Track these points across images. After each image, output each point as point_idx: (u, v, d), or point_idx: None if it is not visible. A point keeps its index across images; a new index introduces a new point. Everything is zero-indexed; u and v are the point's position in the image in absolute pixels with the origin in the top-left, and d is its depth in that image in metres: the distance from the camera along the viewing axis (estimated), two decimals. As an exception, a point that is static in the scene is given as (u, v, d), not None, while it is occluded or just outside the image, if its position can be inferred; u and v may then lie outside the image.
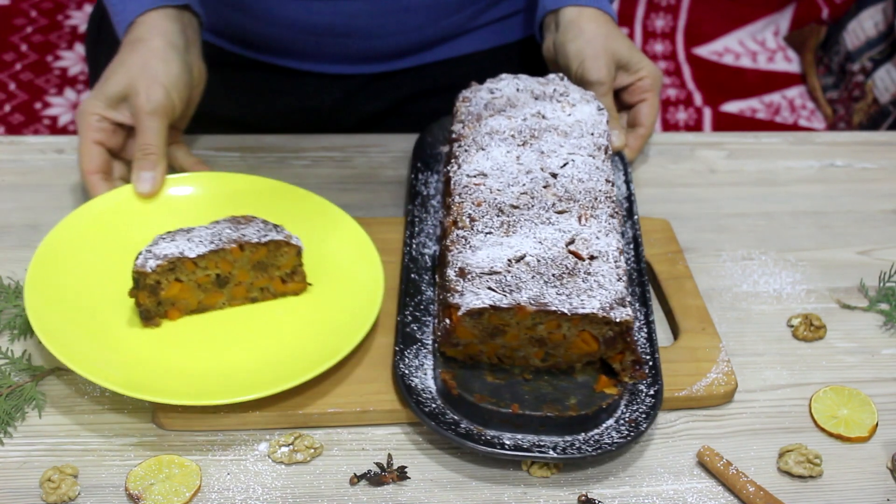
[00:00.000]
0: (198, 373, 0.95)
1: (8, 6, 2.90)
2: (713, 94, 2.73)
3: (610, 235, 0.98)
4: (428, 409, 0.93)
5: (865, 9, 2.63)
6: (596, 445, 0.92)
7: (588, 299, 0.92)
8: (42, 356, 1.00)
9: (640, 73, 1.24)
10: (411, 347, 0.98)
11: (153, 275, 0.96)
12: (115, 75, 1.10)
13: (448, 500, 0.91)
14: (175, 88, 1.10)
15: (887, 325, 1.11)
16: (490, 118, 1.10)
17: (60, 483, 0.88)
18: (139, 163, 1.08)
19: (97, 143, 1.09)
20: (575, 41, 1.22)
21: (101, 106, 1.09)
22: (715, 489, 0.93)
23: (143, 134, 1.08)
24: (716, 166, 1.31)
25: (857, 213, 1.26)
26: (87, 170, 1.09)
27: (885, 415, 1.01)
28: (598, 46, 1.21)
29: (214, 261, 0.98)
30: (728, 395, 1.00)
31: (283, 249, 1.00)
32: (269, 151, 1.26)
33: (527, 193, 1.01)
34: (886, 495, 0.94)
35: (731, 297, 1.12)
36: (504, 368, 0.97)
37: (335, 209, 1.09)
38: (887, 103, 2.44)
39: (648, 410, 0.94)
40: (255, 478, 0.91)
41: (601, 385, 0.95)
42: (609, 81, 1.21)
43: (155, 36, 1.11)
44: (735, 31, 2.89)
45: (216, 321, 1.01)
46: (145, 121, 1.08)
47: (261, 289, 1.02)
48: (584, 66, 1.21)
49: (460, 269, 0.95)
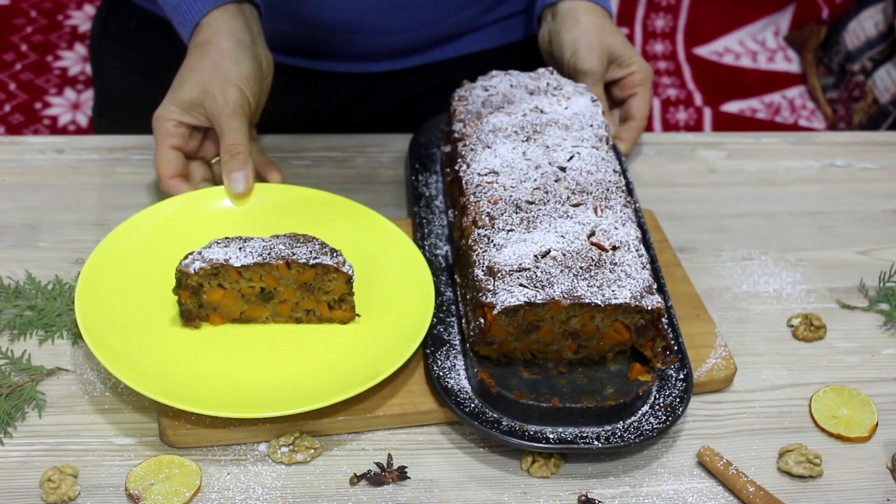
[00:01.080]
0: (228, 382, 0.94)
1: (8, 6, 2.90)
2: (713, 94, 2.73)
3: (627, 225, 0.99)
4: (468, 409, 0.93)
5: (865, 9, 2.63)
6: (637, 432, 0.93)
7: (618, 289, 0.93)
8: (42, 356, 1.00)
9: (632, 67, 1.25)
10: (441, 349, 0.98)
11: (195, 277, 0.96)
12: (188, 81, 1.10)
13: (448, 500, 0.91)
14: (248, 86, 1.10)
15: (887, 325, 1.11)
16: (490, 116, 1.11)
17: (60, 483, 0.88)
18: (229, 164, 1.08)
19: (174, 148, 1.10)
20: (570, 31, 1.24)
21: (177, 111, 1.09)
22: (715, 489, 0.93)
23: (227, 135, 1.08)
24: (716, 166, 1.31)
25: (857, 213, 1.26)
26: (165, 174, 1.09)
27: (885, 415, 1.01)
28: (592, 37, 1.23)
29: (259, 274, 0.97)
30: (728, 379, 1.01)
31: (332, 275, 0.97)
32: (270, 152, 1.26)
33: (540, 188, 1.02)
34: (886, 495, 0.94)
35: (731, 297, 1.12)
36: (538, 363, 0.97)
37: (396, 230, 1.08)
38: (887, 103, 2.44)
39: (682, 394, 0.96)
40: (255, 478, 0.91)
41: (635, 373, 0.96)
42: (601, 72, 1.23)
43: (222, 36, 1.11)
44: (735, 31, 2.89)
45: (257, 333, 1.00)
46: (227, 122, 1.08)
47: (306, 311, 1.00)
48: (578, 55, 1.22)
49: (489, 268, 0.95)
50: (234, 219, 1.09)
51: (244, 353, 0.98)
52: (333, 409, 0.94)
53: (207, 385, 0.94)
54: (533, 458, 0.93)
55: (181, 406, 0.89)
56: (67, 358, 1.00)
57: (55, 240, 1.13)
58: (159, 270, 1.02)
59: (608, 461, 0.95)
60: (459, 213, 1.04)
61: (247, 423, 0.93)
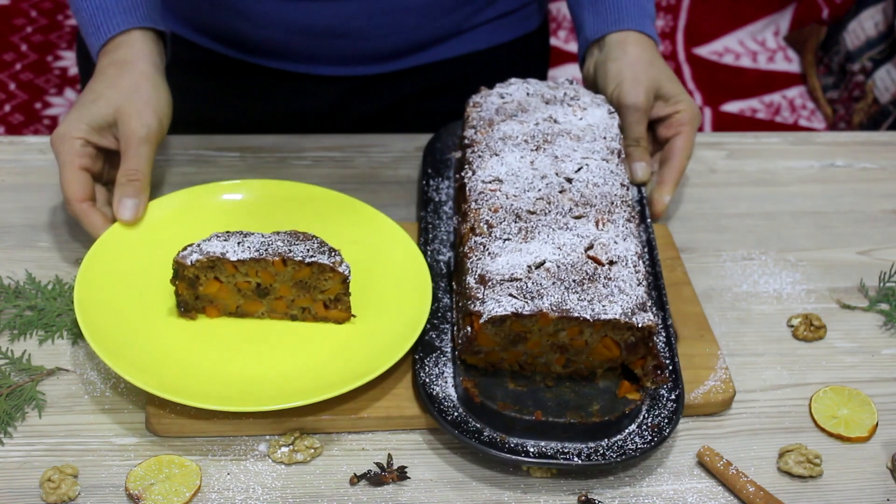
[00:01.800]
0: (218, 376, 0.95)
1: (8, 6, 2.90)
2: (713, 94, 2.73)
3: (628, 240, 0.98)
4: (450, 417, 0.93)
5: (865, 9, 2.63)
6: (620, 451, 0.91)
7: (610, 305, 0.91)
8: (42, 356, 1.00)
9: (679, 105, 1.18)
10: (431, 356, 0.98)
11: (192, 268, 0.96)
12: (103, 99, 1.06)
13: (448, 500, 0.91)
14: (164, 115, 1.08)
15: (887, 325, 1.11)
16: (502, 123, 1.10)
17: (60, 483, 0.88)
18: (123, 189, 1.04)
19: (83, 169, 1.04)
20: (616, 61, 1.18)
21: (86, 130, 1.04)
22: (715, 489, 0.93)
23: (130, 159, 1.05)
24: (716, 166, 1.31)
25: (857, 213, 1.26)
26: (76, 198, 1.03)
27: (885, 415, 1.01)
28: (639, 70, 1.17)
29: (255, 269, 0.97)
30: (726, 403, 0.99)
31: (328, 275, 0.97)
32: (270, 152, 1.26)
33: (543, 199, 1.01)
34: (886, 495, 0.94)
35: (731, 298, 1.12)
36: (525, 375, 0.96)
37: (401, 233, 1.08)
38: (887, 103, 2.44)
39: (671, 415, 0.94)
40: (255, 478, 0.91)
41: (623, 390, 0.95)
42: (645, 108, 1.17)
43: (142, 59, 1.09)
44: (735, 31, 2.89)
45: (252, 328, 1.01)
46: (137, 146, 1.04)
47: (302, 308, 1.01)
48: (622, 88, 1.17)
49: (480, 277, 0.94)
50: (237, 214, 1.09)
51: (238, 346, 0.99)
52: (318, 407, 0.94)
53: (197, 377, 0.94)
54: (533, 459, 0.93)
55: (167, 396, 0.90)
56: (67, 358, 1.00)
57: (55, 240, 1.13)
58: (160, 262, 1.02)
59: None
60: (460, 220, 1.04)
61: (230, 416, 0.93)
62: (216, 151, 1.26)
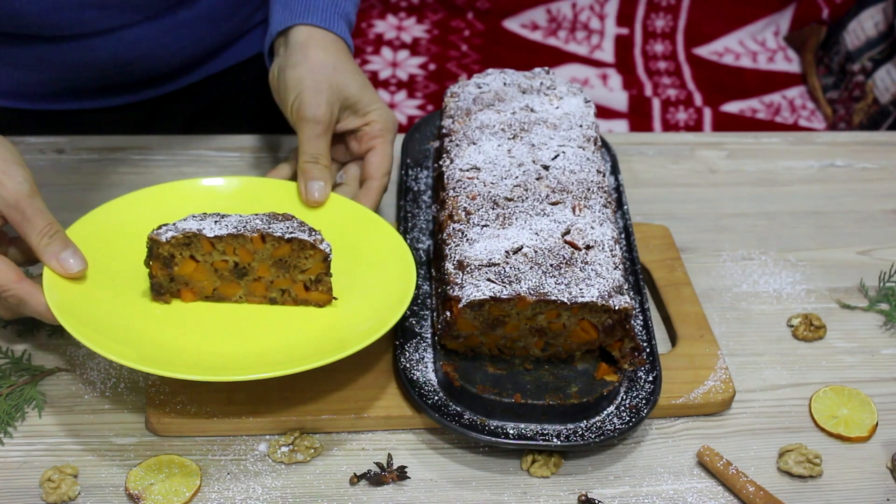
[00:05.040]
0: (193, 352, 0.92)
1: (8, 6, 2.90)
2: (713, 95, 2.73)
3: (604, 225, 0.99)
4: (430, 401, 0.94)
5: (865, 9, 2.63)
6: (598, 432, 0.93)
7: (587, 288, 0.92)
8: (42, 356, 1.00)
9: (369, 116, 1.09)
10: (411, 341, 0.99)
11: (167, 246, 0.93)
12: None
13: (448, 500, 0.91)
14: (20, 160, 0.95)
15: (887, 325, 1.11)
16: (479, 112, 1.11)
17: (60, 483, 0.88)
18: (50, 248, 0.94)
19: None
20: (296, 68, 1.07)
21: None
22: (715, 489, 0.93)
23: (35, 217, 0.93)
24: (716, 166, 1.31)
25: (857, 213, 1.26)
26: (12, 280, 0.92)
27: (885, 415, 1.01)
28: (320, 78, 1.06)
29: (233, 246, 0.94)
30: (726, 403, 0.99)
31: (308, 252, 0.94)
32: (270, 152, 1.26)
33: (520, 186, 1.02)
34: (886, 495, 0.94)
35: (731, 297, 1.12)
36: (504, 359, 0.97)
37: (380, 220, 1.04)
38: (887, 103, 2.44)
39: (648, 396, 0.95)
40: (255, 478, 0.91)
41: (601, 372, 0.96)
42: (327, 122, 1.06)
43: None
44: (735, 32, 2.89)
45: (229, 312, 0.97)
46: (29, 205, 0.93)
47: (281, 291, 0.97)
48: (302, 98, 1.05)
49: (458, 262, 0.95)
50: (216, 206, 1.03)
51: (215, 328, 0.95)
52: (318, 407, 0.94)
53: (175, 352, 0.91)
54: (533, 458, 0.93)
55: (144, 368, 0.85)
56: (67, 358, 1.00)
57: (55, 240, 1.13)
58: (134, 248, 0.98)
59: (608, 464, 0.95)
60: (439, 208, 1.05)
61: (230, 415, 0.93)
62: (216, 151, 1.26)
